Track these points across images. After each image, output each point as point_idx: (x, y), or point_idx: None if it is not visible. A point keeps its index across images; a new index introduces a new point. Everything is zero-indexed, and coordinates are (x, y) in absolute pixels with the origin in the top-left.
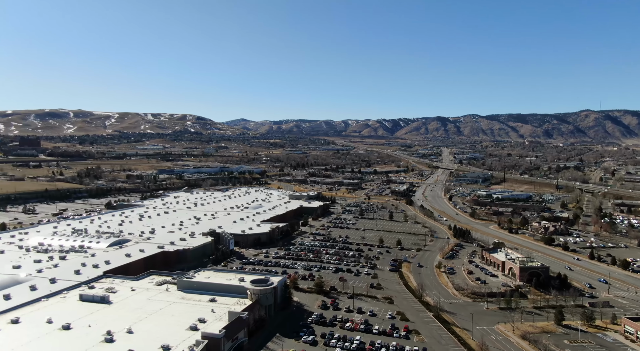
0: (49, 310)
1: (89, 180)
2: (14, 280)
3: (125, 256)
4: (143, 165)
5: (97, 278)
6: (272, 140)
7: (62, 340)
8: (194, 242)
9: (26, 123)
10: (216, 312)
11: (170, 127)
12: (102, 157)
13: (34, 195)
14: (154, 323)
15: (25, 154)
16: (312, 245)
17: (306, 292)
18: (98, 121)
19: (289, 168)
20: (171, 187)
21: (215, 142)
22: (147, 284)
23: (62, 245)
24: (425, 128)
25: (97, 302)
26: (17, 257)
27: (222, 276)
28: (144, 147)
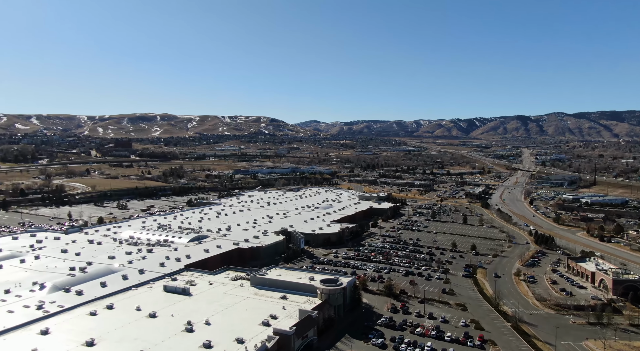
0: (138, 298)
1: (172, 179)
2: (109, 269)
3: (204, 251)
4: (221, 165)
5: (179, 271)
6: (342, 141)
7: (148, 327)
8: (266, 240)
9: (120, 126)
10: (287, 309)
11: (245, 128)
12: (185, 157)
13: (126, 192)
14: (229, 316)
15: (119, 155)
16: (382, 247)
17: (375, 294)
18: (181, 124)
19: (359, 169)
20: (246, 186)
21: (288, 143)
22: (223, 279)
23: (149, 239)
24: (504, 128)
25: (179, 294)
26: (112, 248)
27: (292, 274)
28: (221, 148)
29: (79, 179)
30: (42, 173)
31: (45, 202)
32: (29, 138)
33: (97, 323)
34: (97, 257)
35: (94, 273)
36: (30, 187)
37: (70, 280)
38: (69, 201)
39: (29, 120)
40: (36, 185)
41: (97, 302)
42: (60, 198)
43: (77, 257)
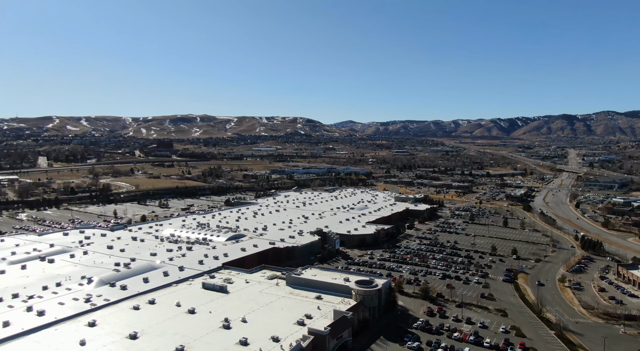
0: (178, 294)
1: (211, 178)
2: (151, 265)
3: (241, 250)
4: (257, 166)
5: (217, 269)
6: (378, 142)
7: (188, 323)
8: (302, 240)
9: (162, 127)
10: (322, 309)
11: (282, 129)
12: (223, 157)
13: (167, 191)
14: (265, 314)
15: (161, 155)
16: (418, 249)
17: (411, 297)
18: (220, 125)
19: (395, 169)
20: (282, 186)
21: (324, 143)
22: (260, 277)
23: (189, 237)
24: (548, 128)
25: (216, 291)
26: (154, 245)
27: (327, 274)
28: (258, 149)
29: (123, 178)
30: (90, 173)
31: (93, 200)
32: (78, 139)
33: (140, 317)
34: (140, 253)
35: (137, 269)
36: (80, 186)
37: (115, 275)
38: (114, 199)
39: (79, 122)
40: (85, 183)
41: (140, 297)
42: (107, 196)
43: (122, 253)
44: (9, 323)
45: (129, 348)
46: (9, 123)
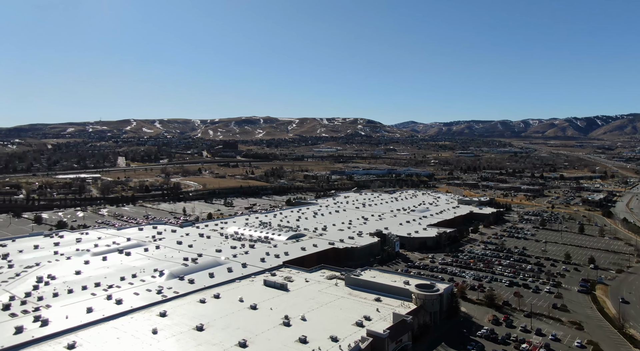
0: (241, 290)
1: (273, 179)
2: (216, 261)
3: (301, 249)
4: (318, 166)
5: (278, 267)
6: (441, 142)
7: (249, 318)
8: (361, 241)
9: (228, 129)
10: (381, 312)
11: (342, 130)
12: (285, 158)
13: (232, 190)
14: (324, 314)
15: (226, 155)
16: (483, 254)
17: (475, 304)
18: (282, 126)
19: (459, 171)
20: (342, 187)
21: (384, 144)
22: (319, 277)
23: (252, 235)
24: (633, 127)
25: (277, 288)
26: (219, 242)
27: (387, 277)
28: (319, 150)
29: (192, 178)
30: (162, 172)
31: (165, 198)
32: (152, 140)
33: (206, 310)
34: (206, 249)
35: (203, 264)
36: (153, 184)
37: (184, 269)
38: (183, 197)
39: (153, 125)
40: (158, 182)
41: (206, 291)
42: (177, 194)
43: (190, 249)
44: (92, 309)
45: (195, 339)
46: (93, 126)
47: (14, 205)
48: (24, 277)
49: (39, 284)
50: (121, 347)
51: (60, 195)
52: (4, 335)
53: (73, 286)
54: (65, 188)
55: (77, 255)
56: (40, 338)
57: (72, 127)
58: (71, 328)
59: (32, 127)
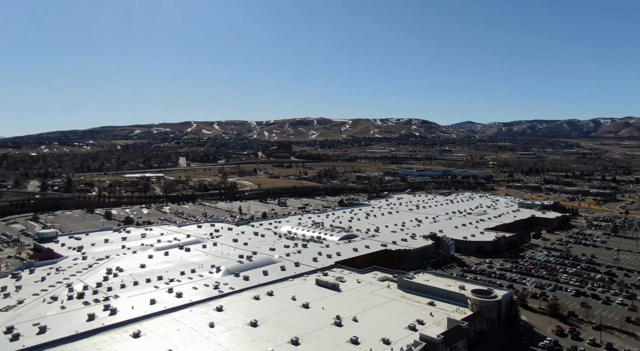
0: (293, 288)
1: (326, 179)
2: (270, 259)
3: (353, 250)
4: (371, 167)
5: (329, 267)
6: (500, 143)
7: (302, 316)
8: (414, 243)
9: (282, 130)
10: (434, 316)
11: (396, 131)
12: (337, 159)
13: (285, 190)
14: (376, 316)
15: (280, 156)
16: (546, 261)
17: (536, 313)
18: (335, 127)
19: (520, 173)
20: (395, 188)
21: (439, 145)
22: (371, 278)
23: (304, 235)
24: None
25: (329, 288)
26: (273, 241)
27: (441, 281)
28: (372, 151)
29: (248, 178)
30: (220, 172)
31: (222, 197)
32: (211, 141)
33: (260, 307)
34: (261, 247)
35: (258, 262)
36: (211, 184)
37: (239, 266)
38: (239, 197)
39: (212, 126)
40: (215, 182)
41: (260, 288)
42: (233, 194)
43: (245, 246)
44: (155, 301)
45: (249, 334)
46: (157, 128)
47: (87, 202)
48: (95, 269)
49: (108, 275)
50: (181, 338)
51: (128, 193)
52: (78, 321)
53: (138, 279)
54: (132, 186)
55: (142, 249)
56: (109, 325)
57: (138, 129)
58: (136, 318)
59: (104, 129)
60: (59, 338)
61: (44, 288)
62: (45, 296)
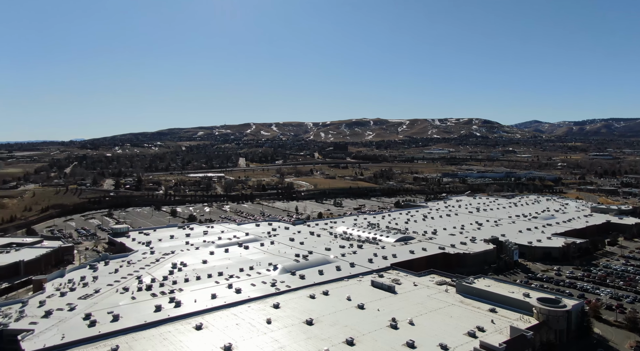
0: (349, 289)
1: (382, 180)
2: (325, 259)
3: (409, 252)
4: (428, 168)
5: (385, 269)
6: (570, 143)
7: (357, 317)
8: (474, 247)
9: (338, 131)
10: (496, 324)
11: (455, 131)
12: (394, 160)
13: (341, 191)
14: (433, 320)
15: (336, 157)
16: (623, 270)
17: (612, 326)
18: (392, 128)
19: (593, 175)
20: (454, 190)
21: (502, 145)
22: (428, 282)
23: (360, 236)
24: None
25: (384, 290)
26: (328, 241)
27: (503, 287)
28: (430, 151)
29: (304, 178)
30: (277, 172)
31: (279, 197)
32: (269, 142)
33: (315, 306)
34: (316, 247)
35: (313, 261)
36: (269, 184)
37: (295, 264)
38: (296, 197)
39: (270, 128)
40: (273, 182)
41: (315, 287)
42: (290, 194)
43: (301, 246)
44: (216, 295)
45: (305, 333)
46: (219, 129)
47: (155, 200)
48: (162, 263)
49: (173, 270)
50: (240, 333)
51: (191, 192)
52: (147, 311)
53: (200, 274)
54: (195, 185)
55: (204, 246)
56: (174, 317)
57: (201, 130)
58: (199, 311)
59: (170, 131)
60: (130, 327)
61: (116, 279)
62: (118, 287)
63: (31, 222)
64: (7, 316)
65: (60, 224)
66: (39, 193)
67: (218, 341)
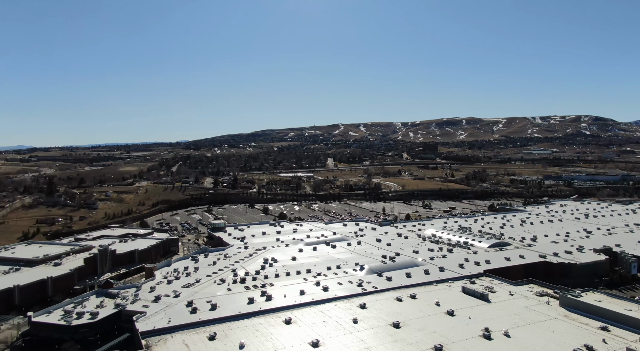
0: (437, 294)
1: (475, 182)
2: (412, 262)
3: (505, 259)
4: (527, 170)
5: (477, 275)
6: None
7: (446, 324)
8: (581, 257)
9: (428, 131)
10: (609, 344)
11: (560, 130)
12: (488, 161)
13: (430, 192)
14: (531, 334)
15: (425, 157)
16: None
17: None
18: (486, 127)
19: None
20: (557, 194)
21: (617, 145)
22: (526, 292)
23: (450, 239)
24: None
25: (476, 297)
26: (416, 243)
27: (618, 303)
28: (529, 151)
29: (392, 179)
30: (365, 173)
31: (366, 197)
32: (357, 143)
33: (402, 309)
34: (404, 249)
35: (400, 263)
36: (356, 184)
37: (382, 265)
38: (383, 197)
39: (358, 128)
40: (360, 182)
41: (402, 290)
42: (377, 194)
43: (388, 247)
44: (304, 292)
45: (392, 335)
46: (308, 130)
47: (248, 197)
48: (255, 258)
49: (265, 265)
50: (326, 330)
51: (282, 191)
52: (241, 303)
53: (290, 270)
54: (286, 184)
55: (293, 243)
56: (265, 310)
57: (292, 132)
58: (288, 306)
59: (263, 133)
60: (226, 316)
61: (214, 271)
62: (215, 278)
63: (144, 215)
64: (125, 298)
65: (167, 218)
66: (150, 190)
67: (306, 337)
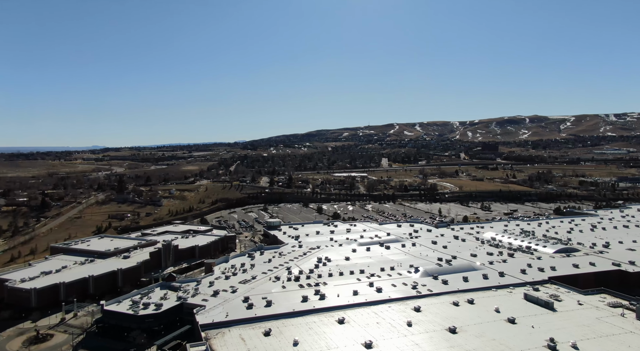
0: (497, 300)
1: (538, 183)
2: (470, 266)
3: (573, 266)
4: (599, 171)
5: (541, 282)
6: None
7: (506, 331)
8: None
9: (488, 130)
10: None
11: (638, 128)
12: (554, 161)
13: (489, 194)
14: (603, 347)
15: (485, 157)
16: None
17: None
18: (552, 125)
19: None
20: (634, 197)
21: None
22: (597, 302)
23: (511, 243)
24: None
25: (540, 306)
26: (474, 246)
27: None
28: (601, 151)
29: (448, 179)
30: (420, 173)
31: (421, 198)
32: (412, 143)
33: (459, 313)
34: (461, 252)
35: (457, 267)
36: (411, 184)
37: (437, 268)
38: (439, 198)
39: (413, 128)
40: (415, 183)
41: (459, 294)
42: (433, 195)
43: (444, 250)
44: (357, 292)
45: (448, 341)
46: (362, 130)
47: (303, 197)
48: (308, 256)
49: (318, 264)
50: (380, 331)
51: (336, 191)
52: (295, 300)
53: (343, 270)
54: (339, 184)
55: (347, 243)
56: (319, 308)
57: (346, 131)
58: (341, 306)
59: (318, 133)
60: (281, 313)
61: (270, 269)
62: (271, 276)
63: (204, 212)
64: (186, 291)
65: (225, 215)
66: (210, 188)
67: (359, 338)
